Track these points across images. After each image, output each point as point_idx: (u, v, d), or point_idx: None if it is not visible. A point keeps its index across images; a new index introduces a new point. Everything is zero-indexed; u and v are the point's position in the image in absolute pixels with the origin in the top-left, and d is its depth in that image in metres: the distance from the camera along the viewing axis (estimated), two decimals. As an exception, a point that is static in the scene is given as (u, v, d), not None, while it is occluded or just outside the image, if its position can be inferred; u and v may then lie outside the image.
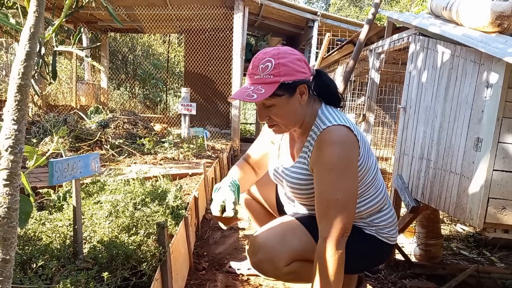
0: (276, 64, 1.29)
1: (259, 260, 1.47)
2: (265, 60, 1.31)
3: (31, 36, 0.85)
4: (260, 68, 1.30)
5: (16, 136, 0.81)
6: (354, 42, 3.45)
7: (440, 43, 1.97)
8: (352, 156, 1.32)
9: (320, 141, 1.33)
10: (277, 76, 1.28)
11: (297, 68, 1.32)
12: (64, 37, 8.51)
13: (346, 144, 1.31)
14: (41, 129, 4.79)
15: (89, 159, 1.45)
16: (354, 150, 1.32)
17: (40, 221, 1.62)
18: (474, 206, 1.60)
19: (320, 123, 1.37)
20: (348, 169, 1.30)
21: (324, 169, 1.31)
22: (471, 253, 2.78)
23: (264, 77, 1.29)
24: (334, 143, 1.30)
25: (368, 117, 3.26)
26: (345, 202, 1.28)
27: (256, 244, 1.49)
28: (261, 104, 1.34)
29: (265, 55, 1.32)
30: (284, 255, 1.44)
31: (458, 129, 1.75)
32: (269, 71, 1.29)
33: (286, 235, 1.48)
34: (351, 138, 1.32)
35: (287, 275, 1.50)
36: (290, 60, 1.31)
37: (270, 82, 1.28)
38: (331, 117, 1.36)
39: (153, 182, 2.66)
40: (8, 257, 0.79)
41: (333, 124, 1.32)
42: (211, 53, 8.16)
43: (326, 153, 1.30)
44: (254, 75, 1.32)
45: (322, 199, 1.33)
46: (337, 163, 1.29)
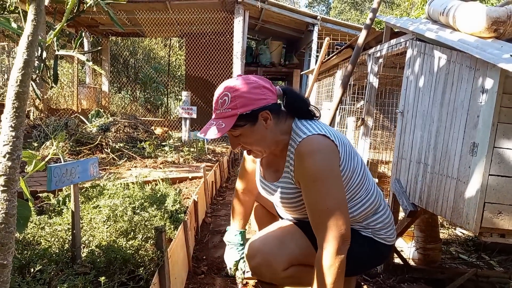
0: (232, 98, 1.32)
1: (257, 264, 1.48)
2: (223, 94, 1.35)
3: (29, 44, 0.86)
4: (219, 103, 1.35)
5: (14, 142, 0.83)
6: (353, 46, 3.47)
7: (437, 48, 1.98)
8: (332, 162, 1.33)
9: (299, 153, 1.35)
10: (235, 109, 1.32)
11: (254, 97, 1.34)
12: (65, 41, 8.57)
13: (324, 152, 1.32)
14: (42, 133, 4.82)
15: (88, 164, 1.46)
16: (333, 156, 1.34)
17: (39, 226, 1.63)
18: (470, 210, 1.61)
19: (296, 136, 1.38)
20: (332, 177, 1.32)
21: (308, 181, 1.33)
22: (470, 257, 2.78)
23: (223, 111, 1.34)
24: (312, 153, 1.31)
25: (367, 121, 3.27)
26: (336, 209, 1.29)
27: (254, 248, 1.51)
28: (230, 134, 1.39)
29: (223, 90, 1.36)
30: (282, 260, 1.45)
31: (455, 134, 1.76)
32: (226, 105, 1.33)
33: (284, 239, 1.49)
34: (328, 144, 1.33)
35: (285, 280, 1.51)
36: (245, 91, 1.34)
37: (229, 115, 1.32)
38: (305, 128, 1.38)
39: (153, 186, 2.68)
40: (5, 262, 0.80)
41: (308, 135, 1.34)
42: (212, 56, 8.20)
43: (306, 164, 1.32)
44: (216, 110, 1.37)
45: (313, 210, 1.34)
46: (319, 172, 1.30)
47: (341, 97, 3.21)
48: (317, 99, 5.52)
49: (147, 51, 14.23)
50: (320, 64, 4.71)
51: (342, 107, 4.15)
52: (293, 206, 1.48)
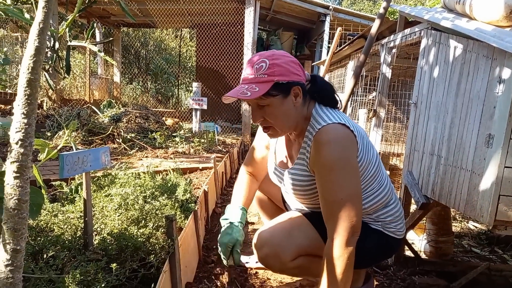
0: (271, 65, 1.29)
1: (265, 254, 1.49)
2: (260, 60, 1.31)
3: (40, 32, 0.86)
4: (254, 68, 1.31)
5: (26, 129, 0.83)
6: (365, 36, 3.41)
7: (452, 37, 1.94)
8: (350, 153, 1.31)
9: (317, 141, 1.32)
10: (271, 76, 1.28)
11: (292, 70, 1.32)
12: (77, 32, 8.62)
13: (343, 141, 1.30)
14: (55, 122, 4.88)
15: (99, 153, 1.47)
16: (352, 147, 1.32)
17: (52, 213, 1.66)
18: (485, 203, 1.58)
19: (315, 123, 1.36)
20: (348, 167, 1.29)
21: (324, 170, 1.31)
22: (483, 250, 2.75)
23: (258, 76, 1.29)
24: (331, 142, 1.29)
25: (379, 112, 3.23)
26: (349, 200, 1.27)
27: (263, 239, 1.51)
28: (256, 104, 1.34)
29: (259, 57, 1.33)
30: (290, 250, 1.45)
31: (470, 125, 1.73)
32: (263, 70, 1.29)
33: (292, 230, 1.49)
34: (347, 135, 1.31)
35: (293, 270, 1.51)
36: (284, 62, 1.32)
37: (264, 81, 1.28)
38: (326, 116, 1.35)
39: (164, 176, 2.69)
40: (18, 247, 0.81)
41: (328, 123, 1.32)
42: (223, 47, 8.17)
43: (324, 153, 1.29)
44: (248, 75, 1.32)
45: (326, 200, 1.32)
46: (336, 162, 1.28)
47: (352, 88, 3.18)
48: (329, 91, 5.46)
49: (158, 42, 14.24)
50: (331, 54, 4.66)
51: (353, 99, 4.11)
52: (305, 194, 1.47)
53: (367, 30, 3.33)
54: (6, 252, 0.80)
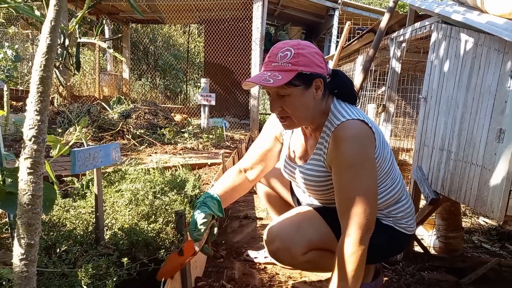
0: (295, 54, 1.28)
1: (276, 248, 1.49)
2: (285, 49, 1.29)
3: (52, 29, 0.87)
4: (278, 56, 1.29)
5: (39, 126, 0.85)
6: (374, 30, 3.38)
7: (463, 31, 1.91)
8: (369, 150, 1.30)
9: (336, 137, 1.31)
10: (296, 65, 1.27)
11: (316, 62, 1.31)
12: (87, 29, 8.69)
13: (362, 138, 1.29)
14: (66, 119, 4.93)
15: (110, 149, 1.49)
16: (370, 144, 1.31)
17: (65, 208, 1.68)
18: (495, 198, 1.57)
19: (334, 118, 1.34)
20: (366, 164, 1.28)
21: (342, 166, 1.29)
22: (493, 246, 2.73)
23: (282, 64, 1.27)
24: (350, 139, 1.28)
25: (388, 107, 3.21)
26: (365, 198, 1.26)
27: (273, 233, 1.51)
28: (276, 93, 1.32)
29: (284, 45, 1.31)
30: (301, 244, 1.45)
31: (480, 119, 1.71)
32: (287, 59, 1.27)
33: (303, 224, 1.49)
34: (366, 131, 1.30)
35: (303, 264, 1.51)
36: (309, 52, 1.30)
37: (288, 70, 1.26)
38: (345, 111, 1.34)
39: (173, 172, 2.71)
40: (32, 242, 0.83)
41: (347, 119, 1.30)
42: (231, 43, 8.16)
43: (343, 149, 1.28)
44: (271, 62, 1.30)
45: (342, 196, 1.31)
46: (355, 159, 1.27)
47: (362, 83, 3.16)
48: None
49: (167, 38, 14.28)
50: (340, 49, 4.63)
51: (362, 93, 4.08)
52: (320, 189, 1.46)
53: (377, 24, 3.30)
54: (21, 247, 0.82)
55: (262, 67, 1.35)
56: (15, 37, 7.79)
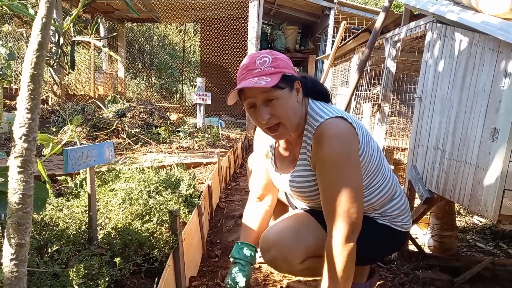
0: (274, 58, 1.29)
1: (273, 257, 1.46)
2: (261, 56, 1.30)
3: (43, 26, 0.86)
4: (257, 63, 1.28)
5: (30, 124, 0.83)
6: (370, 30, 3.39)
7: (458, 30, 1.92)
8: (352, 148, 1.29)
9: (317, 137, 1.30)
10: (278, 68, 1.27)
11: (291, 65, 1.34)
12: (82, 27, 8.64)
13: (343, 136, 1.28)
14: (60, 118, 4.90)
15: (103, 148, 1.48)
16: (353, 141, 1.29)
17: (57, 207, 1.67)
18: (489, 197, 1.57)
19: (312, 120, 1.34)
20: (350, 163, 1.27)
21: (325, 166, 1.29)
22: (487, 245, 2.74)
23: (265, 69, 1.27)
24: (332, 137, 1.27)
25: (383, 107, 3.21)
26: (350, 197, 1.26)
27: (270, 241, 1.47)
28: (262, 100, 1.29)
29: (259, 54, 1.32)
30: (298, 253, 1.42)
31: (475, 119, 1.71)
32: (268, 64, 1.27)
33: (300, 231, 1.46)
34: (348, 129, 1.29)
35: (301, 271, 1.49)
36: (283, 57, 1.33)
37: (272, 73, 1.26)
38: (322, 111, 1.34)
39: (168, 171, 2.70)
40: (23, 242, 0.82)
41: (326, 119, 1.30)
42: (226, 42, 8.14)
43: (326, 149, 1.27)
44: (252, 70, 1.28)
45: (326, 196, 1.30)
46: (337, 158, 1.26)
47: (357, 82, 3.16)
48: (333, 85, 5.45)
49: (162, 37, 14.24)
50: (336, 49, 4.63)
51: (358, 93, 4.09)
52: (308, 194, 1.44)
53: (372, 24, 3.30)
54: (11, 246, 0.81)
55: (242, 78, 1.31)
56: (9, 35, 7.73)
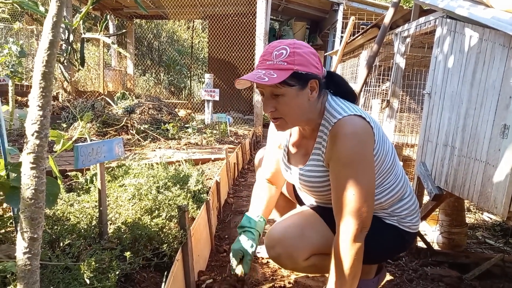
0: (291, 53, 1.24)
1: (278, 254, 1.46)
2: (280, 47, 1.26)
3: (54, 25, 0.88)
4: (273, 55, 1.25)
5: (42, 121, 0.85)
6: (379, 25, 3.36)
7: (468, 26, 1.90)
8: (367, 147, 1.27)
9: (333, 134, 1.28)
10: (291, 64, 1.23)
11: (312, 62, 1.28)
12: (91, 24, 8.69)
13: (360, 135, 1.26)
14: (71, 114, 4.96)
15: (113, 144, 1.50)
16: (369, 140, 1.28)
17: (69, 202, 1.70)
18: (499, 194, 1.56)
19: (330, 116, 1.32)
20: (364, 162, 1.26)
21: (340, 164, 1.27)
22: (497, 242, 2.71)
23: (277, 63, 1.24)
24: (348, 136, 1.25)
25: (392, 103, 3.19)
26: (362, 196, 1.25)
27: (275, 238, 1.48)
28: (269, 92, 1.29)
29: (279, 44, 1.28)
30: (304, 250, 1.43)
31: (485, 115, 1.70)
32: (283, 58, 1.24)
33: (305, 229, 1.46)
34: (365, 127, 1.27)
35: (306, 268, 1.50)
36: (305, 52, 1.27)
37: (284, 68, 1.23)
38: (340, 108, 1.31)
39: (176, 167, 2.73)
40: (35, 236, 0.84)
41: (344, 116, 1.27)
42: (235, 38, 8.14)
43: (341, 147, 1.25)
44: (266, 60, 1.26)
45: (338, 194, 1.29)
46: (352, 157, 1.24)
47: (365, 78, 3.14)
48: (341, 81, 5.41)
49: (171, 34, 14.27)
50: (344, 44, 4.60)
51: (366, 89, 4.06)
52: (318, 189, 1.44)
53: (381, 19, 3.27)
54: (24, 240, 0.83)
55: (257, 65, 1.31)
56: (20, 32, 7.82)
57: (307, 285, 1.77)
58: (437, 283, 1.91)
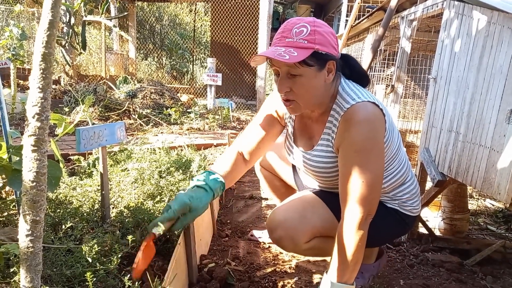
0: (312, 31, 1.19)
1: (279, 236, 1.46)
2: (300, 25, 1.21)
3: (53, 5, 0.86)
4: (293, 32, 1.20)
5: (42, 103, 0.84)
6: (385, 8, 3.30)
7: (476, 8, 1.85)
8: (379, 134, 1.25)
9: (346, 120, 1.26)
10: (312, 43, 1.18)
11: (331, 42, 1.23)
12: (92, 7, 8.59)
13: (373, 122, 1.24)
14: (73, 98, 4.95)
15: (115, 128, 1.49)
16: (381, 127, 1.26)
17: (71, 186, 1.70)
18: (503, 180, 1.55)
19: (343, 101, 1.29)
20: (375, 150, 1.24)
21: (350, 150, 1.25)
22: (499, 228, 2.72)
23: (297, 41, 1.19)
24: (361, 122, 1.23)
25: (397, 88, 3.16)
26: (370, 183, 1.23)
27: (276, 221, 1.47)
28: (286, 72, 1.24)
29: (299, 21, 1.23)
30: (304, 232, 1.43)
31: (491, 100, 1.67)
32: (303, 36, 1.19)
33: (306, 211, 1.46)
34: (377, 114, 1.25)
35: (307, 251, 1.50)
36: (325, 31, 1.22)
37: (304, 47, 1.18)
38: (354, 93, 1.28)
39: (179, 152, 2.72)
40: (38, 218, 0.84)
41: (357, 102, 1.25)
42: (237, 22, 8.04)
43: (353, 133, 1.23)
44: (285, 38, 1.21)
45: (346, 180, 1.27)
46: (364, 144, 1.23)
47: (370, 63, 3.10)
48: (345, 66, 5.35)
49: (173, 17, 14.11)
50: (349, 28, 4.53)
51: (371, 74, 4.02)
52: (325, 174, 1.43)
53: (387, 2, 3.21)
54: (26, 223, 0.83)
55: (274, 42, 1.25)
56: (21, 15, 7.75)
57: (308, 270, 1.78)
58: (438, 269, 1.92)
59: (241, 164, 1.52)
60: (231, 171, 1.47)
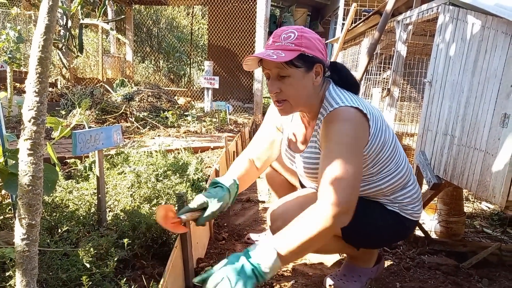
0: (299, 36, 1.29)
1: (278, 228, 1.47)
2: (289, 31, 1.31)
3: (50, 9, 0.86)
4: (282, 37, 1.30)
5: (38, 107, 0.84)
6: (381, 12, 3.32)
7: (471, 13, 1.87)
8: (358, 134, 1.27)
9: (327, 121, 1.30)
10: (299, 46, 1.28)
11: (318, 47, 1.32)
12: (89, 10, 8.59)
13: (354, 122, 1.27)
14: (70, 101, 4.94)
15: (111, 131, 1.49)
16: (361, 130, 1.28)
17: (67, 190, 1.70)
18: (497, 183, 1.56)
19: (328, 105, 1.34)
20: (354, 146, 1.25)
21: (331, 143, 1.26)
22: (495, 231, 2.73)
23: (285, 44, 1.29)
24: (341, 121, 1.27)
25: (393, 91, 3.17)
26: (349, 176, 1.19)
27: (276, 213, 1.52)
28: (276, 74, 1.32)
29: (288, 28, 1.33)
30: None
31: (485, 104, 1.69)
32: (291, 40, 1.29)
33: (305, 204, 1.44)
34: (358, 118, 1.28)
35: None
36: (312, 37, 1.32)
37: (291, 49, 1.27)
38: (339, 98, 1.33)
39: (175, 155, 2.72)
40: (33, 222, 0.84)
41: (340, 106, 1.29)
42: (235, 25, 8.06)
43: (333, 128, 1.27)
44: (275, 42, 1.31)
45: (322, 171, 1.23)
46: (343, 138, 1.25)
47: (366, 66, 3.12)
48: (342, 69, 5.36)
49: (170, 20, 14.12)
50: (346, 32, 4.56)
51: (367, 77, 4.04)
52: (316, 175, 1.46)
53: (383, 6, 3.23)
54: (22, 227, 0.83)
55: (265, 47, 1.36)
56: (17, 18, 7.73)
57: (305, 273, 1.79)
58: (434, 271, 1.92)
59: (253, 169, 1.62)
60: (243, 175, 1.55)
